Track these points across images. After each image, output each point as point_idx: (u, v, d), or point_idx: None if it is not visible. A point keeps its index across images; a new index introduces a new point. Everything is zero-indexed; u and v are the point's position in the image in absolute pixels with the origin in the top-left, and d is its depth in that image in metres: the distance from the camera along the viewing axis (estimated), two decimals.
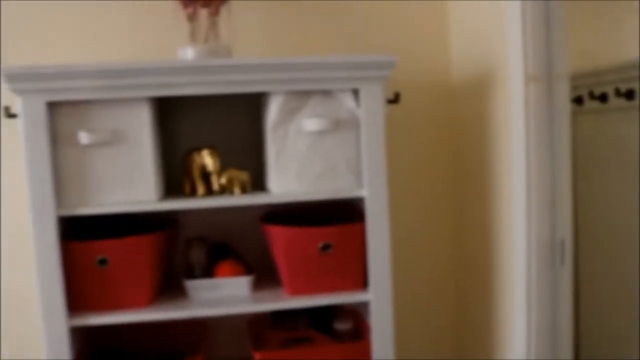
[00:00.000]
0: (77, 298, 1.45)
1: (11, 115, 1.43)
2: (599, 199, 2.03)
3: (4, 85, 1.33)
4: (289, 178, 1.48)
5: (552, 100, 1.50)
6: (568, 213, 1.51)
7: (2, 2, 1.68)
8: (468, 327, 1.96)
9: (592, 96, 1.96)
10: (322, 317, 1.74)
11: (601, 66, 1.96)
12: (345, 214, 1.67)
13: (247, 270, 1.62)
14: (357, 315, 1.74)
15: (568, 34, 1.50)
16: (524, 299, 1.52)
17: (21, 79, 1.32)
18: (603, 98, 1.94)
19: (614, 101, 1.91)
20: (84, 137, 1.38)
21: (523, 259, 1.51)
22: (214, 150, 1.50)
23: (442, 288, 2.03)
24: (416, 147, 1.95)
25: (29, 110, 1.35)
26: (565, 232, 1.50)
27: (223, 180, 1.49)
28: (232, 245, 1.75)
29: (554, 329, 1.53)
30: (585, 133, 2.07)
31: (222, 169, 1.50)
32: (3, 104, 1.55)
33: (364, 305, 1.59)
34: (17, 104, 1.36)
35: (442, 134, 1.97)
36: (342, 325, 1.68)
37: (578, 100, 2.05)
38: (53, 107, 1.38)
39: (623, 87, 1.86)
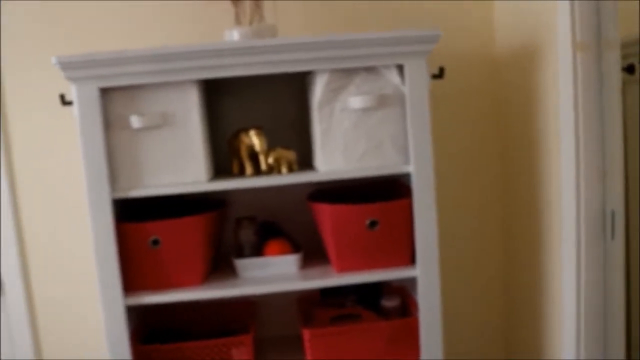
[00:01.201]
0: (131, 278, 1.55)
1: (67, 103, 1.52)
2: None
3: (59, 74, 1.42)
4: (336, 156, 1.54)
5: (601, 68, 1.50)
6: (619, 184, 1.52)
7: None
8: (517, 302, 1.99)
9: None
10: (370, 295, 1.80)
11: None
12: (391, 191, 1.72)
13: (296, 249, 1.69)
14: (405, 292, 1.80)
15: None
16: (574, 272, 1.54)
17: (75, 66, 1.41)
18: None
19: None
20: (135, 121, 1.46)
21: (572, 231, 1.53)
22: (261, 130, 1.56)
23: (490, 262, 2.06)
24: (462, 120, 1.98)
25: (83, 97, 1.44)
26: (616, 203, 1.51)
27: (271, 159, 1.55)
28: (281, 224, 1.83)
29: (604, 304, 1.55)
30: (638, 102, 2.05)
31: (269, 148, 1.56)
32: (52, 92, 1.66)
33: (412, 282, 1.64)
34: (71, 91, 1.44)
35: (488, 106, 1.99)
36: (389, 302, 1.74)
37: (630, 69, 2.03)
38: (105, 93, 1.46)
39: None
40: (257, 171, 1.59)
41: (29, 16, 1.80)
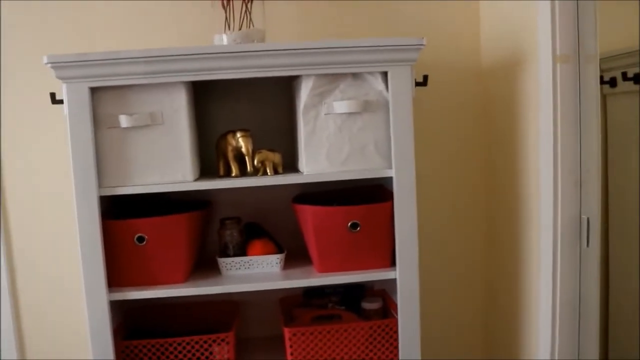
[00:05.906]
0: (116, 274, 1.63)
1: (57, 101, 1.61)
2: (632, 180, 2.12)
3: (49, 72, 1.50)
4: (320, 159, 1.62)
5: (580, 80, 1.59)
6: (595, 192, 1.61)
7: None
8: (496, 306, 2.09)
9: (625, 77, 2.05)
10: (351, 297, 1.89)
11: (636, 46, 2.04)
12: (374, 196, 1.81)
13: (279, 249, 1.78)
14: (386, 295, 1.89)
15: (603, 12, 1.58)
16: (550, 277, 1.63)
17: (66, 66, 1.49)
18: (638, 79, 2.03)
19: None
20: (124, 120, 1.55)
21: (549, 238, 1.63)
22: (248, 132, 1.65)
23: (470, 265, 2.16)
24: (445, 128, 2.08)
25: (73, 96, 1.52)
26: (592, 211, 1.61)
27: (256, 161, 1.63)
28: (265, 225, 1.92)
29: (579, 310, 1.64)
30: (619, 115, 2.15)
31: (255, 150, 1.65)
32: (42, 90, 1.74)
33: (392, 284, 1.73)
34: (62, 90, 1.52)
35: (470, 115, 2.09)
36: (370, 305, 1.84)
37: (612, 82, 2.14)
38: (95, 92, 1.54)
39: None
40: (243, 172, 1.67)
41: (24, 12, 1.89)
